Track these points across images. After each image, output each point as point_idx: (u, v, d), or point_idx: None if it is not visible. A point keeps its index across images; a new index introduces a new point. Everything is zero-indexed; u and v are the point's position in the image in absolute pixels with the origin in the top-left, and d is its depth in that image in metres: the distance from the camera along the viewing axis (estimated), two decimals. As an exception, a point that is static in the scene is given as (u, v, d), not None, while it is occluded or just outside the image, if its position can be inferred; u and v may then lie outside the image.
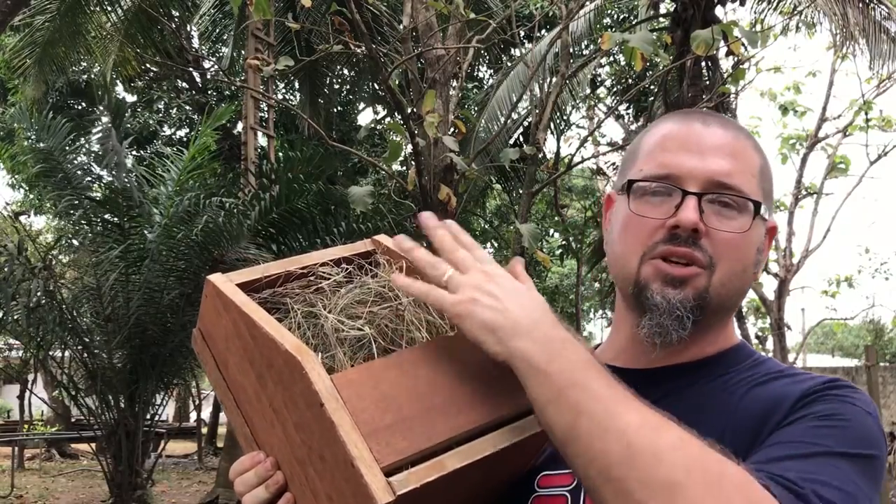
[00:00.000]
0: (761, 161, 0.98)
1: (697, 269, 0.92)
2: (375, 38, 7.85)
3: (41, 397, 12.02)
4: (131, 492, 7.16)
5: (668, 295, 0.92)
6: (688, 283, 0.92)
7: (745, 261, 0.94)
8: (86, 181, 7.53)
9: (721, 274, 0.92)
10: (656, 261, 0.93)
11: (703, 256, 0.92)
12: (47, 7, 9.89)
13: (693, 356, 0.97)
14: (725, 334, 1.00)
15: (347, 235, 7.65)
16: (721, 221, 0.92)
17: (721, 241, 0.92)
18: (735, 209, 0.92)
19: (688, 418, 0.86)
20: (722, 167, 0.93)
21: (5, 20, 6.74)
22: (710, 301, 0.92)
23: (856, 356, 26.57)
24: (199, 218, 6.68)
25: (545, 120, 5.35)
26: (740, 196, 0.92)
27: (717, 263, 0.92)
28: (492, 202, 16.34)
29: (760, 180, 0.96)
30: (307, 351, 0.78)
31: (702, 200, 0.92)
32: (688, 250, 0.92)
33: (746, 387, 0.92)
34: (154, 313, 6.96)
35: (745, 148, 0.96)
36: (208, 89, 15.09)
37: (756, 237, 0.95)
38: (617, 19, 13.15)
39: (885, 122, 15.93)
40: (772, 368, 0.95)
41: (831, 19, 8.88)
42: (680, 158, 0.94)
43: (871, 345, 9.57)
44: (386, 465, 0.74)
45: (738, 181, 0.93)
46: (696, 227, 0.91)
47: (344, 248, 0.98)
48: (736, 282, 0.94)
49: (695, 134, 0.95)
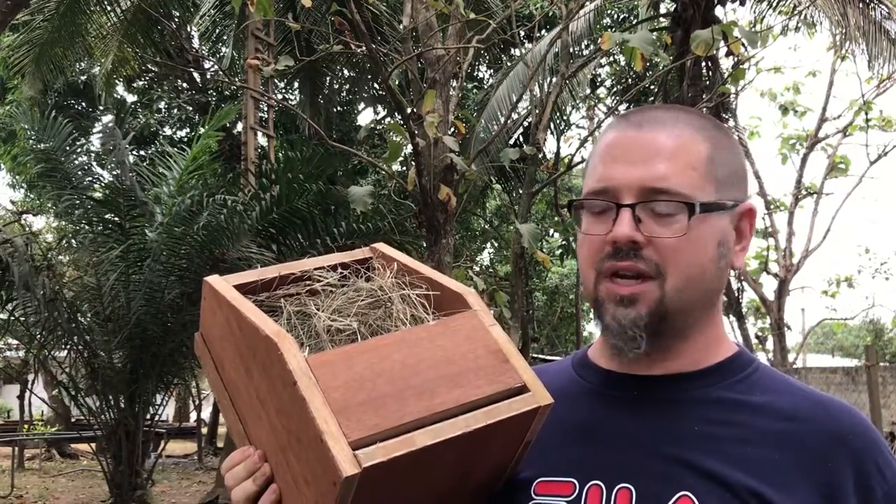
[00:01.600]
0: (709, 149, 0.93)
1: (646, 284, 0.90)
2: (375, 38, 7.85)
3: (41, 397, 12.01)
4: (131, 492, 7.16)
5: (618, 316, 0.91)
6: (638, 300, 0.90)
7: (699, 261, 0.91)
8: (86, 181, 7.53)
9: (674, 280, 0.90)
10: (608, 280, 0.92)
11: (649, 267, 0.90)
12: (46, 6, 9.88)
13: (690, 365, 0.96)
14: (718, 341, 0.98)
15: (348, 235, 7.64)
16: (662, 227, 0.90)
17: (665, 248, 0.90)
18: (673, 213, 0.90)
19: (709, 448, 0.90)
20: (653, 172, 0.90)
21: (5, 20, 6.74)
22: (669, 310, 0.91)
23: (856, 356, 26.56)
24: (201, 216, 6.68)
25: (545, 120, 5.35)
26: (674, 199, 0.89)
27: (665, 271, 0.90)
28: (492, 202, 16.34)
29: (709, 170, 0.92)
30: (285, 335, 0.80)
31: (637, 210, 0.90)
32: (630, 263, 0.90)
33: (769, 424, 0.91)
34: (155, 313, 6.96)
35: (683, 144, 0.92)
36: (208, 89, 15.10)
37: (709, 232, 0.91)
38: (617, 19, 13.16)
39: (885, 122, 15.93)
40: (772, 387, 0.95)
41: (831, 19, 8.88)
42: (614, 170, 0.92)
43: (871, 345, 9.57)
44: (354, 439, 0.75)
45: (673, 182, 0.90)
46: (632, 239, 0.90)
47: (342, 254, 1.00)
48: (695, 284, 0.91)
49: (628, 142, 0.93)
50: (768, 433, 0.89)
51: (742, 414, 0.91)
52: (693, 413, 0.92)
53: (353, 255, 1.01)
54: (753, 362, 0.98)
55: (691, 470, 0.88)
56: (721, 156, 0.94)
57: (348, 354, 0.81)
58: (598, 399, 0.99)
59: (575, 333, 18.37)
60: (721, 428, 0.90)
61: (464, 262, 11.61)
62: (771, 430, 0.89)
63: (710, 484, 0.87)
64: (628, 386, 0.97)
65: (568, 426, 0.96)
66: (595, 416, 0.97)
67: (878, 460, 0.89)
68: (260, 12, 3.93)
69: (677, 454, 0.89)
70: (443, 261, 4.68)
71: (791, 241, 16.69)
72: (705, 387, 0.94)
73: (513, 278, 5.93)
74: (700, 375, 0.95)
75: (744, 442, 0.89)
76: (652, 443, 0.91)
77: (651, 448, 0.91)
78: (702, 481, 0.87)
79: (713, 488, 0.86)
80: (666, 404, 0.94)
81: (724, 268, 0.94)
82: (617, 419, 0.95)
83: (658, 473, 0.89)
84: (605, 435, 0.95)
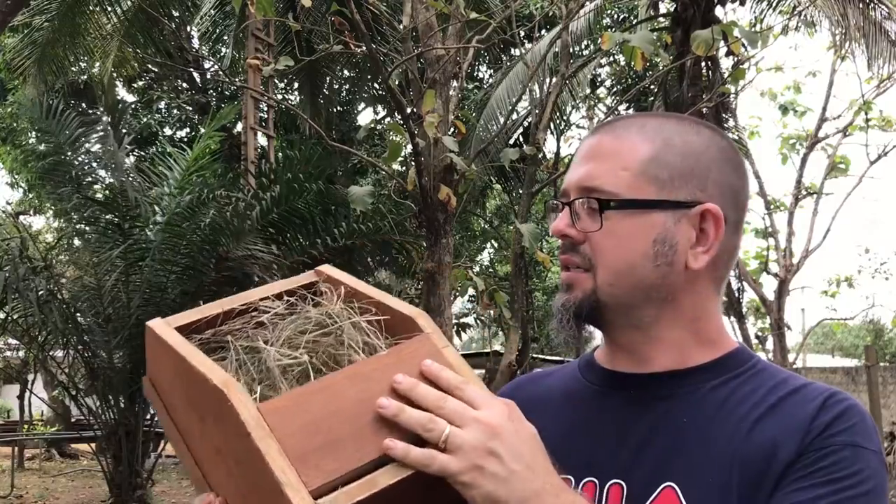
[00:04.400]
0: (653, 151, 0.95)
1: (581, 274, 0.96)
2: (375, 38, 7.86)
3: (41, 397, 12.01)
4: (131, 492, 7.16)
5: (556, 300, 0.98)
6: (574, 286, 0.97)
7: (625, 256, 0.94)
8: (86, 181, 7.53)
9: (603, 274, 0.95)
10: (562, 271, 1.00)
11: (582, 260, 0.96)
12: (47, 7, 9.89)
13: (683, 363, 0.97)
14: (713, 337, 0.99)
15: (348, 235, 7.65)
16: (591, 223, 0.95)
17: (594, 243, 0.95)
18: (596, 209, 0.95)
19: (696, 438, 0.91)
20: (585, 172, 0.97)
21: (5, 20, 6.73)
22: (603, 300, 0.95)
23: (856, 356, 26.56)
24: (205, 214, 6.68)
25: (545, 120, 5.35)
26: (601, 197, 0.94)
27: (595, 264, 0.95)
28: (492, 202, 16.34)
29: (645, 169, 0.95)
30: (233, 382, 0.78)
31: (575, 206, 0.96)
32: (566, 256, 0.98)
33: (756, 410, 0.91)
34: (155, 312, 6.90)
35: (621, 144, 0.97)
36: (208, 89, 15.10)
37: (636, 229, 0.94)
38: (617, 19, 13.16)
39: (885, 122, 15.93)
40: (769, 382, 0.94)
41: (831, 19, 8.89)
42: (569, 173, 1.00)
43: (871, 345, 9.58)
44: (315, 487, 0.73)
45: (600, 181, 0.95)
46: (565, 233, 0.97)
47: (287, 281, 0.98)
48: (624, 279, 0.94)
49: (583, 146, 1.01)
50: (754, 419, 0.90)
51: (732, 405, 0.92)
52: (684, 407, 0.94)
53: (298, 280, 0.98)
54: (752, 359, 0.99)
55: (679, 462, 0.90)
56: (669, 156, 0.96)
57: (301, 397, 0.78)
58: (596, 397, 1.01)
59: (575, 333, 18.32)
60: (709, 421, 0.92)
61: (464, 262, 11.62)
62: (756, 416, 0.90)
63: (695, 475, 0.88)
64: (624, 384, 0.99)
65: (567, 424, 0.99)
66: (592, 413, 0.99)
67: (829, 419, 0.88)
68: (261, 12, 3.93)
69: (667, 448, 0.91)
70: (443, 261, 4.68)
71: (791, 241, 16.69)
72: (699, 382, 0.95)
73: (513, 278, 5.93)
74: (691, 372, 0.96)
75: (730, 434, 0.90)
76: (643, 438, 0.93)
77: (643, 443, 0.93)
78: (687, 473, 0.89)
79: (698, 479, 0.88)
80: (659, 400, 0.95)
81: (665, 266, 0.94)
82: (612, 416, 0.97)
83: (647, 468, 0.91)
84: (600, 432, 0.97)
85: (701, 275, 0.96)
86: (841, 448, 0.86)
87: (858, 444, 0.87)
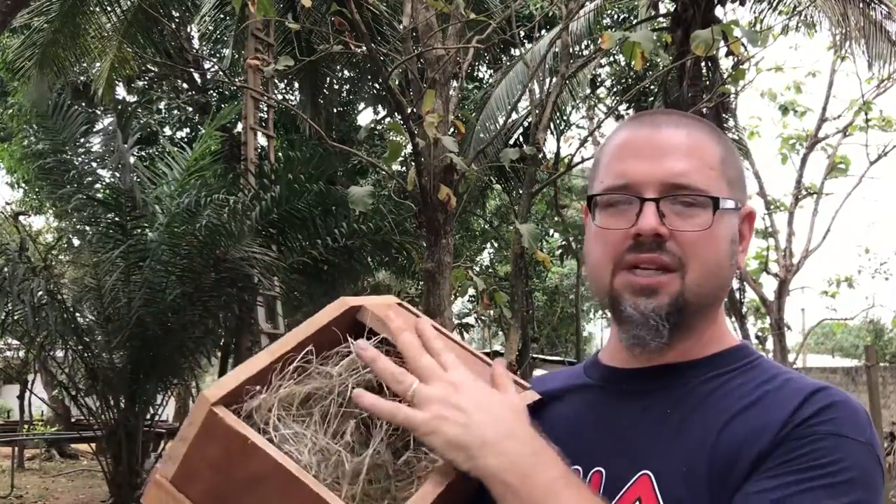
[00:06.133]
0: (722, 151, 0.98)
1: (667, 276, 0.93)
2: (375, 38, 7.86)
3: (41, 397, 12.01)
4: (131, 492, 7.15)
5: (639, 306, 0.93)
6: (660, 290, 0.93)
7: (716, 256, 0.95)
8: (87, 181, 7.53)
9: (694, 274, 0.93)
10: (627, 272, 0.94)
11: (672, 259, 0.93)
12: (48, 8, 9.89)
13: (684, 356, 0.97)
14: (719, 334, 1.00)
15: (348, 236, 7.65)
16: (684, 222, 0.93)
17: (687, 242, 0.93)
18: (696, 207, 0.93)
19: (676, 428, 0.91)
20: (676, 168, 0.94)
21: (5, 20, 6.73)
22: (688, 303, 0.93)
23: (856, 356, 26.54)
24: (202, 216, 6.68)
25: (545, 120, 5.36)
26: (698, 194, 0.93)
27: (687, 264, 0.93)
28: (492, 202, 16.33)
29: (722, 170, 0.96)
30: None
31: (661, 204, 0.93)
32: (654, 255, 0.93)
33: (739, 402, 0.91)
34: (155, 313, 6.95)
35: (699, 142, 0.97)
36: (209, 89, 15.09)
37: (726, 229, 0.95)
38: (617, 19, 13.15)
39: (885, 122, 15.93)
40: (761, 376, 0.94)
41: (831, 19, 8.89)
42: (635, 166, 0.95)
43: (871, 345, 9.57)
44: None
45: (694, 179, 0.94)
46: (658, 232, 0.92)
47: (309, 325, 0.90)
48: (712, 279, 0.95)
49: (647, 139, 0.97)
50: (735, 411, 0.90)
51: (717, 397, 0.93)
52: (671, 399, 0.95)
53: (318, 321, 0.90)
54: (752, 355, 0.99)
55: (656, 450, 0.91)
56: (731, 158, 0.99)
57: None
58: (593, 392, 1.03)
59: (575, 333, 18.37)
60: (691, 412, 0.92)
61: (464, 262, 11.61)
62: (738, 408, 0.91)
63: (670, 464, 0.89)
64: (623, 379, 1.00)
65: (564, 419, 1.01)
66: (586, 406, 1.01)
67: (813, 411, 0.86)
68: (261, 12, 3.93)
69: (647, 437, 0.92)
70: (443, 261, 4.68)
71: (791, 241, 16.69)
72: (691, 376, 0.96)
73: (513, 278, 5.93)
74: (690, 366, 0.97)
75: (708, 425, 0.90)
76: (627, 427, 0.95)
77: (625, 432, 0.94)
78: (666, 462, 0.89)
79: (672, 468, 0.88)
80: (648, 392, 0.96)
81: (734, 265, 0.98)
82: (601, 408, 0.99)
83: (627, 456, 0.92)
84: (591, 423, 0.99)
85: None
86: (822, 437, 0.84)
87: (842, 433, 0.84)
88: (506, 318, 5.20)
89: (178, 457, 0.81)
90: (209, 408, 0.80)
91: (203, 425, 0.80)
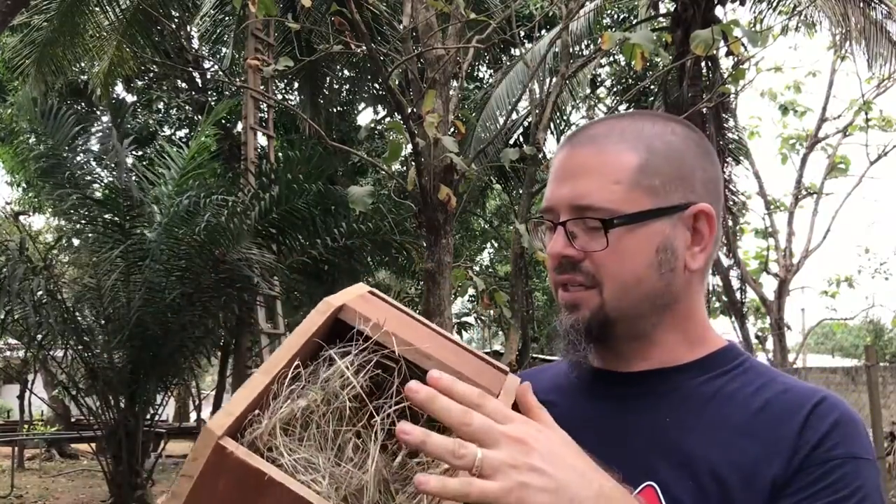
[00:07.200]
0: (640, 159, 0.95)
1: (588, 292, 0.95)
2: (375, 38, 7.86)
3: (41, 397, 12.00)
4: (131, 492, 7.15)
5: (563, 321, 0.96)
6: (581, 305, 0.95)
7: (632, 270, 0.94)
8: (86, 180, 7.53)
9: (610, 290, 0.94)
10: (560, 290, 0.98)
11: (585, 278, 0.95)
12: (46, 7, 9.88)
13: (673, 360, 0.97)
14: (704, 335, 1.00)
15: (348, 236, 7.65)
16: (592, 241, 0.94)
17: (598, 260, 0.94)
18: (598, 227, 0.93)
19: (679, 438, 0.91)
20: (576, 190, 0.95)
21: (5, 20, 6.73)
22: (610, 317, 0.94)
23: (856, 356, 26.56)
24: (201, 216, 6.68)
25: (545, 120, 5.35)
26: (593, 217, 0.93)
27: (602, 281, 0.94)
28: (492, 202, 16.34)
29: (637, 180, 0.94)
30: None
31: (569, 226, 0.95)
32: (568, 276, 0.96)
33: (740, 412, 0.91)
34: (155, 313, 6.95)
35: (607, 159, 0.95)
36: (208, 89, 15.10)
37: (639, 242, 0.93)
38: (617, 19, 13.16)
39: (885, 122, 15.95)
40: (756, 381, 0.94)
41: (831, 19, 8.89)
42: (553, 190, 0.98)
43: (871, 345, 9.57)
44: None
45: (595, 198, 0.93)
46: (565, 255, 0.95)
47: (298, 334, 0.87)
48: (633, 291, 0.94)
49: (563, 161, 0.98)
50: (739, 423, 0.90)
51: (716, 405, 0.93)
52: (668, 406, 0.94)
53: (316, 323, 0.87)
54: (741, 357, 0.99)
55: (660, 462, 0.90)
56: (657, 163, 0.95)
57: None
58: (584, 395, 1.02)
59: (575, 333, 18.29)
60: (693, 418, 0.92)
61: (464, 262, 11.61)
62: (741, 420, 0.91)
63: (676, 472, 0.88)
64: (612, 382, 1.00)
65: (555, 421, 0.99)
66: (576, 411, 0.99)
67: (824, 431, 0.87)
68: (262, 11, 3.93)
69: (649, 445, 0.92)
70: (443, 261, 4.68)
71: (791, 241, 16.72)
72: (685, 380, 0.96)
73: (513, 278, 5.93)
74: (678, 370, 0.97)
75: (714, 431, 0.90)
76: (626, 435, 0.94)
77: (626, 440, 0.94)
78: (668, 470, 0.89)
79: (678, 477, 0.88)
80: (644, 398, 0.96)
81: (669, 272, 0.95)
82: (595, 414, 0.98)
83: (628, 466, 0.90)
84: (585, 429, 0.96)
85: (696, 274, 0.97)
86: (842, 463, 0.85)
87: (858, 455, 0.86)
88: (506, 318, 5.20)
89: (183, 494, 0.76)
90: (216, 442, 0.75)
91: (210, 461, 0.75)
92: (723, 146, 9.10)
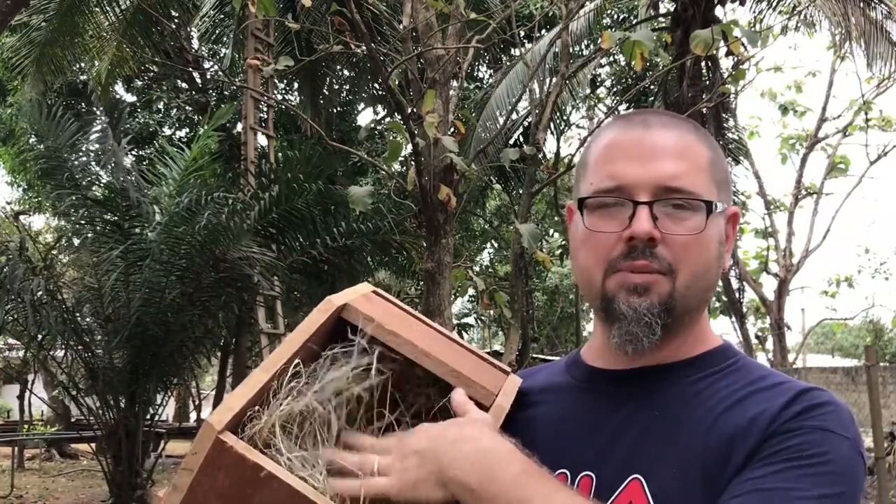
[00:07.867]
0: (710, 152, 0.97)
1: (657, 277, 0.92)
2: (375, 38, 7.85)
3: (41, 397, 12.01)
4: (131, 492, 7.15)
5: (633, 304, 0.92)
6: (651, 289, 0.92)
7: (706, 260, 0.94)
8: (86, 181, 7.52)
9: (683, 278, 0.92)
10: (619, 273, 0.93)
11: (661, 265, 0.92)
12: (46, 7, 9.88)
13: (669, 358, 0.97)
14: (702, 335, 1.00)
15: (348, 236, 7.64)
16: (676, 225, 0.92)
17: (678, 246, 0.92)
18: (688, 210, 0.92)
19: (665, 430, 0.91)
20: (668, 171, 0.92)
21: (5, 20, 6.73)
22: (676, 305, 0.93)
23: (856, 356, 26.56)
24: (201, 215, 6.67)
25: (545, 120, 5.35)
26: (691, 198, 0.92)
27: (677, 269, 0.92)
28: (492, 202, 16.34)
29: (711, 173, 0.96)
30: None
31: (653, 207, 0.91)
32: (646, 262, 0.92)
33: (725, 402, 0.92)
34: (155, 313, 6.95)
35: (689, 144, 0.96)
36: (208, 89, 15.09)
37: (714, 232, 0.95)
38: (617, 19, 13.16)
39: (885, 122, 15.95)
40: (747, 377, 0.95)
41: (831, 19, 8.89)
42: (626, 168, 0.93)
43: (871, 345, 9.58)
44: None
45: (686, 182, 0.92)
46: (651, 236, 0.91)
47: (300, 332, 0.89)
48: (700, 282, 0.94)
49: (637, 140, 0.95)
50: (725, 408, 0.91)
51: (705, 398, 0.93)
52: (658, 401, 0.94)
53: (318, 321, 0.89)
54: (735, 356, 1.00)
55: (645, 455, 0.91)
56: (717, 159, 0.98)
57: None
58: (579, 394, 1.02)
59: (575, 333, 18.37)
60: (679, 414, 0.92)
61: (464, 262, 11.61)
62: (727, 405, 0.91)
63: (660, 468, 0.89)
64: (609, 381, 1.00)
65: (548, 419, 1.01)
66: (569, 408, 1.00)
67: (803, 407, 0.87)
68: (262, 11, 3.93)
69: (636, 441, 0.92)
70: (443, 261, 4.68)
71: (791, 241, 16.72)
72: (678, 378, 0.96)
73: (513, 278, 5.93)
74: (673, 367, 0.97)
75: (696, 427, 0.90)
76: (615, 431, 0.94)
77: (614, 436, 0.94)
78: (652, 465, 0.89)
79: (662, 472, 0.89)
80: (635, 395, 0.96)
81: (721, 267, 0.97)
82: (587, 410, 0.99)
83: (616, 460, 0.92)
84: (575, 425, 0.98)
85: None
86: (809, 431, 0.85)
87: (829, 428, 0.86)
88: (506, 318, 5.20)
89: (183, 487, 0.78)
90: (216, 436, 0.77)
91: (210, 454, 0.77)
92: (723, 146, 9.10)
